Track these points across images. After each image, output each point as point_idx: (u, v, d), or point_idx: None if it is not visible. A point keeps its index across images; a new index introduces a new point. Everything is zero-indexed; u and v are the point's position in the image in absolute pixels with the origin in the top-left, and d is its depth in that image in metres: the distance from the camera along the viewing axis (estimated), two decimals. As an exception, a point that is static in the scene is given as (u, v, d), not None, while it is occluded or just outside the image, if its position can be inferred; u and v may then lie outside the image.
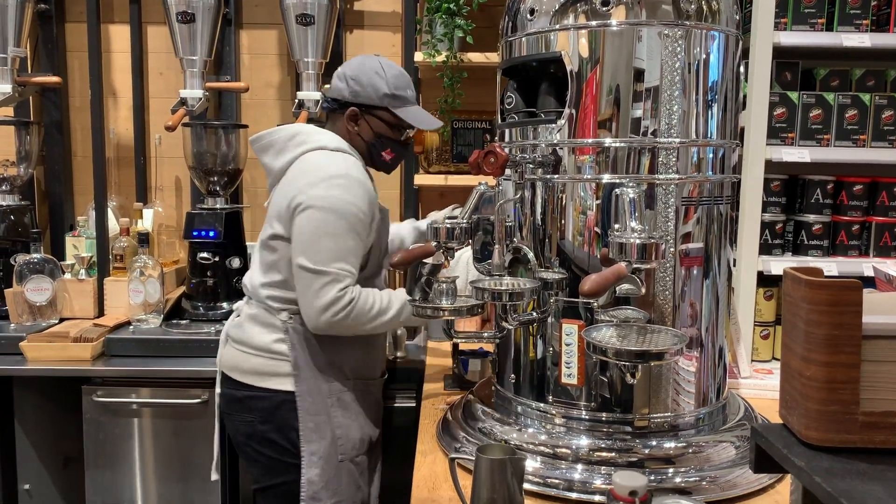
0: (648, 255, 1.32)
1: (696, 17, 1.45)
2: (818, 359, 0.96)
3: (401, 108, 1.89)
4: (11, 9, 2.64)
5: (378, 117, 1.90)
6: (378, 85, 1.86)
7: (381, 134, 1.91)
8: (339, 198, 1.76)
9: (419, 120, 1.90)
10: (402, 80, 1.90)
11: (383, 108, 1.88)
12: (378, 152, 1.93)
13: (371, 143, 1.92)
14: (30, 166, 2.85)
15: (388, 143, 1.93)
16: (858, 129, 2.27)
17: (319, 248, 1.75)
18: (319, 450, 1.85)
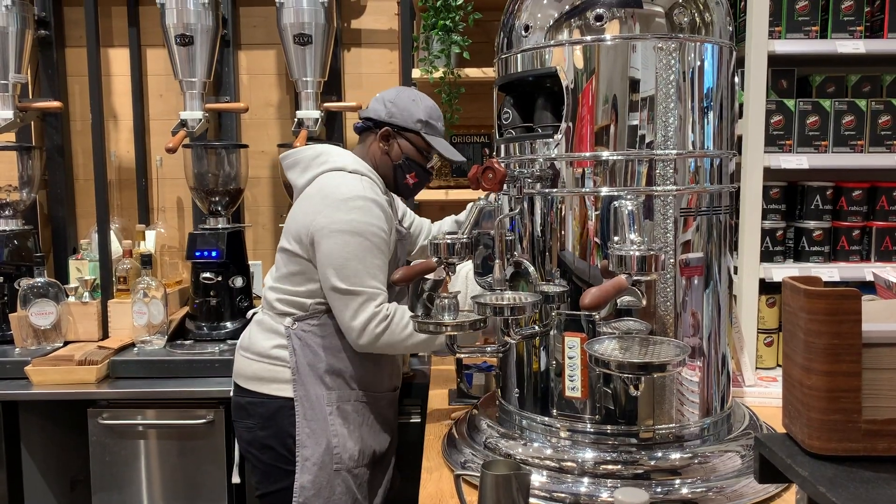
0: (648, 267, 1.32)
1: (690, 30, 1.46)
2: (819, 368, 0.96)
3: (431, 136, 1.97)
4: (12, 35, 2.67)
5: (409, 140, 1.97)
6: (413, 110, 1.96)
7: (409, 157, 1.98)
8: (360, 220, 1.82)
9: (446, 149, 2.00)
10: (435, 112, 2.01)
11: (415, 133, 1.96)
12: (403, 174, 2.00)
13: (398, 165, 1.99)
14: (32, 191, 2.86)
15: (414, 167, 2.00)
16: (856, 135, 2.28)
17: (350, 271, 1.81)
18: (313, 456, 1.86)
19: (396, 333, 1.82)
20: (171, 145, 2.58)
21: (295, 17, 2.64)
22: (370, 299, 1.81)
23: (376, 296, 1.82)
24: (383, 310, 1.82)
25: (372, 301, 1.81)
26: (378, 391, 2.00)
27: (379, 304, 1.82)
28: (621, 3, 1.44)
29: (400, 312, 1.84)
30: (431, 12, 2.60)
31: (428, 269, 1.75)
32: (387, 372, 2.04)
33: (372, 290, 1.82)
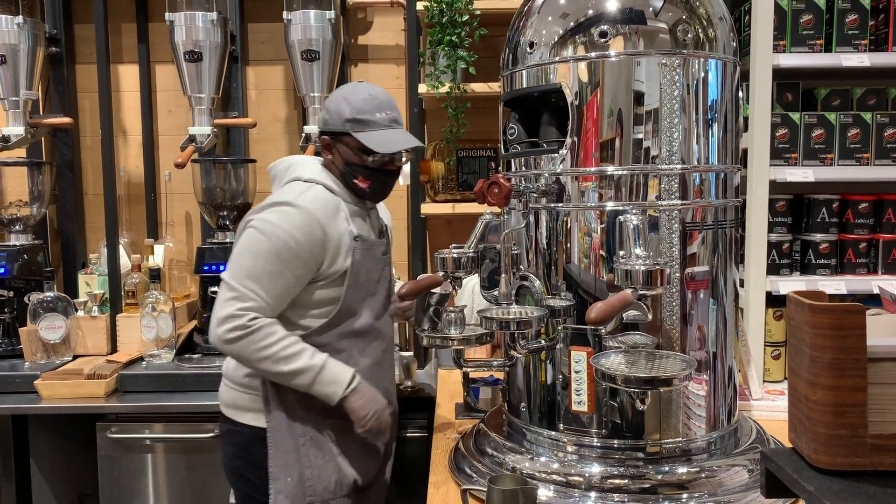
0: (654, 282, 1.33)
1: (693, 46, 1.47)
2: (824, 383, 0.96)
3: (363, 132, 1.78)
4: (23, 53, 2.70)
5: (345, 143, 1.81)
6: (342, 110, 1.79)
7: (348, 161, 1.81)
8: (273, 222, 1.71)
9: (380, 143, 1.78)
10: (369, 103, 1.80)
11: (346, 134, 1.79)
12: (351, 180, 1.84)
13: (344, 172, 1.84)
14: (42, 205, 2.89)
15: (359, 170, 1.82)
16: (861, 148, 2.28)
17: (238, 264, 1.72)
18: (286, 489, 1.78)
19: (249, 351, 1.69)
20: (180, 160, 2.61)
21: (302, 34, 2.67)
22: (238, 299, 1.68)
23: (246, 299, 1.68)
24: (246, 318, 1.68)
25: (239, 301, 1.68)
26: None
27: (245, 309, 1.68)
28: (625, 19, 1.46)
29: (264, 333, 1.68)
30: (438, 28, 2.62)
31: (434, 283, 1.76)
32: None
33: (244, 291, 1.68)
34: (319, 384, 1.72)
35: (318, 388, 1.72)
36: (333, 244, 1.75)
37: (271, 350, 1.69)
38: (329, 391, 1.73)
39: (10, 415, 2.42)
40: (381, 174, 1.84)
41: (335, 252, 1.76)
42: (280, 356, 1.69)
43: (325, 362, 1.73)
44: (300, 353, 1.71)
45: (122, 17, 3.04)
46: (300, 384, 1.72)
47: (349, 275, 1.78)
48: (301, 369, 1.71)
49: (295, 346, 1.72)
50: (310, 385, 1.72)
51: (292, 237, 1.70)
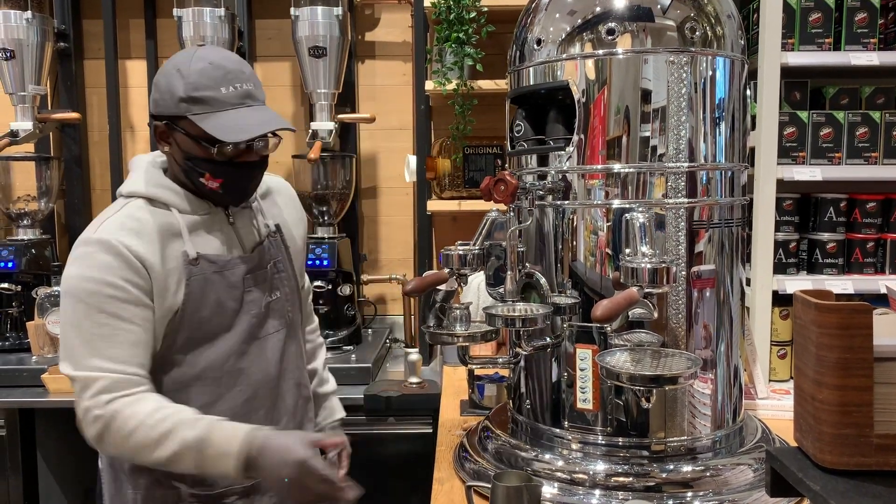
0: (660, 280, 1.33)
1: (701, 44, 1.47)
2: (830, 382, 0.96)
3: (204, 116, 1.36)
4: (32, 48, 2.72)
5: (182, 130, 1.39)
6: (175, 86, 1.36)
7: (189, 154, 1.40)
8: (75, 275, 1.34)
9: (227, 129, 1.36)
10: (210, 75, 1.36)
11: (183, 118, 1.37)
12: (196, 178, 1.41)
13: (185, 169, 1.42)
14: (50, 201, 2.90)
15: (204, 165, 1.40)
16: (870, 147, 2.27)
17: (66, 348, 1.35)
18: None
19: (119, 445, 1.32)
20: (187, 156, 2.60)
21: (310, 30, 2.67)
22: (84, 387, 1.32)
23: (91, 382, 1.31)
24: (101, 405, 1.30)
25: (86, 389, 1.31)
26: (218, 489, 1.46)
27: (94, 394, 1.31)
28: (633, 17, 1.45)
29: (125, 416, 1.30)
30: (445, 25, 2.62)
31: (440, 280, 1.76)
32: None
33: (85, 376, 1.32)
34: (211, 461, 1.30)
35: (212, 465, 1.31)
36: (159, 275, 1.37)
37: (138, 436, 1.29)
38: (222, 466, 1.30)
39: (17, 408, 2.43)
40: (238, 169, 1.42)
41: (162, 287, 1.37)
42: (151, 439, 1.30)
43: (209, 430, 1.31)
44: (174, 428, 1.30)
45: (130, 12, 3.04)
46: (189, 470, 1.34)
47: (181, 312, 1.39)
48: (179, 450, 1.29)
49: (167, 420, 1.30)
50: (199, 468, 1.32)
51: (106, 283, 1.32)
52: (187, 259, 1.40)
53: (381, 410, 2.34)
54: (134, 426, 1.30)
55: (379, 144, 3.12)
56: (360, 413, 2.35)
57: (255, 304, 1.49)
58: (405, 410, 2.34)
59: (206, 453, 1.30)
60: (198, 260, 1.41)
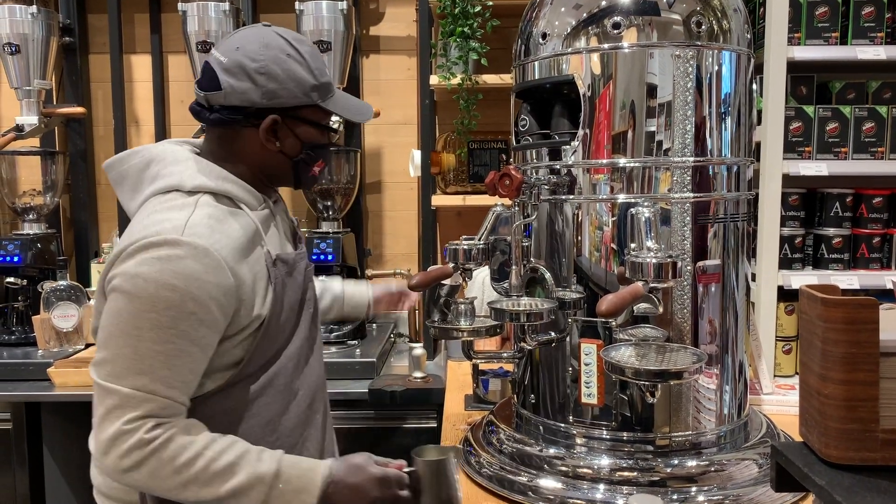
0: (665, 275, 1.32)
1: (707, 38, 1.46)
2: (836, 377, 0.96)
3: (332, 101, 1.34)
4: (37, 43, 2.72)
5: (306, 120, 1.33)
6: (301, 75, 1.28)
7: (313, 144, 1.35)
8: (149, 279, 1.16)
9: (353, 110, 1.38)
10: (320, 58, 1.34)
11: (312, 106, 1.32)
12: (308, 167, 1.37)
13: (298, 160, 1.35)
14: (55, 195, 2.91)
15: (320, 153, 1.38)
16: (876, 142, 2.26)
17: (109, 354, 1.18)
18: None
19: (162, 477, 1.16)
20: (192, 151, 2.60)
21: (314, 24, 2.67)
22: (122, 407, 1.15)
23: (136, 404, 1.15)
24: (143, 431, 1.15)
25: (128, 411, 1.15)
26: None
27: (137, 419, 1.15)
28: (639, 11, 1.45)
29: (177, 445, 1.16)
30: (450, 19, 2.61)
31: (444, 274, 1.76)
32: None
33: (130, 394, 1.15)
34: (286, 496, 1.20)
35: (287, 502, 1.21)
36: (248, 288, 1.24)
37: (195, 468, 1.16)
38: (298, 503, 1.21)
39: (23, 402, 2.44)
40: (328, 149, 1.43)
41: (250, 298, 1.25)
42: (211, 472, 1.17)
43: (280, 464, 1.21)
44: (240, 461, 1.19)
45: (136, 7, 3.04)
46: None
47: (266, 322, 1.28)
48: (246, 484, 1.18)
49: (229, 452, 1.20)
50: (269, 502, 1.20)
51: (192, 297, 1.16)
52: (269, 260, 1.28)
53: (386, 405, 2.34)
54: (191, 456, 1.16)
55: (383, 139, 3.12)
56: (364, 407, 2.36)
57: (311, 303, 1.42)
58: (409, 405, 2.35)
59: (282, 489, 1.19)
60: (277, 260, 1.31)
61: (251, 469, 1.19)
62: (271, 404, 1.31)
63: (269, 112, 1.29)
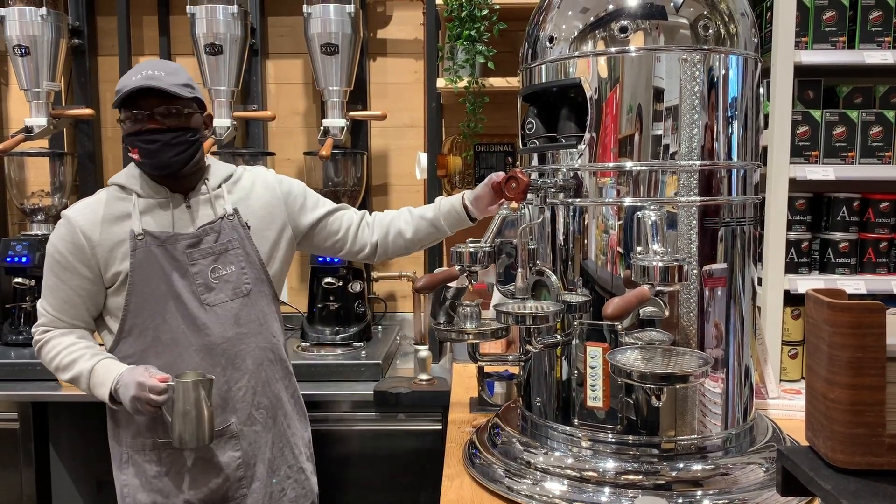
0: (671, 278, 1.32)
1: (714, 42, 1.46)
2: (842, 381, 0.96)
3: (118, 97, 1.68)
4: (46, 44, 2.73)
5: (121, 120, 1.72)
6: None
7: (125, 136, 1.72)
8: (49, 239, 1.77)
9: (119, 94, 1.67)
10: (130, 74, 1.70)
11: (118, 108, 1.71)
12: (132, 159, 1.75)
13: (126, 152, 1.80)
14: (64, 196, 2.92)
15: (127, 141, 1.72)
16: (884, 146, 2.26)
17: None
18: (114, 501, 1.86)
19: (45, 363, 1.78)
20: (200, 152, 2.62)
21: (322, 27, 2.68)
22: (39, 316, 1.78)
23: (39, 316, 1.78)
24: (37, 334, 1.78)
25: (38, 320, 1.78)
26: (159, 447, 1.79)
27: (37, 325, 1.78)
28: (646, 14, 1.45)
29: (50, 346, 1.76)
30: (457, 22, 2.62)
31: (450, 277, 1.76)
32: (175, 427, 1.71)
33: (38, 309, 1.78)
34: (94, 391, 1.71)
35: (96, 394, 1.71)
36: (104, 248, 1.72)
37: (55, 361, 1.74)
38: (101, 394, 1.70)
39: (30, 402, 2.45)
40: (143, 136, 1.68)
41: (107, 256, 1.72)
42: (61, 365, 1.73)
43: (95, 366, 1.71)
44: (75, 361, 1.72)
45: (144, 9, 3.06)
46: (84, 390, 1.73)
47: (131, 278, 1.72)
48: (75, 377, 1.72)
49: (74, 353, 1.73)
50: (88, 390, 1.72)
51: (55, 248, 1.73)
52: (134, 234, 1.71)
53: (391, 407, 2.34)
54: (55, 353, 1.74)
55: (390, 142, 3.12)
56: (369, 409, 2.36)
57: (200, 276, 1.76)
58: (415, 407, 2.35)
59: (91, 381, 1.70)
60: (143, 235, 1.72)
61: (80, 366, 1.71)
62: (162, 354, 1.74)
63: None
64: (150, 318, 1.74)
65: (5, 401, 2.44)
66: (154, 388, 1.62)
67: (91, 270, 1.73)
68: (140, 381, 1.62)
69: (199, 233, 1.76)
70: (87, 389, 1.72)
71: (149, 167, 1.73)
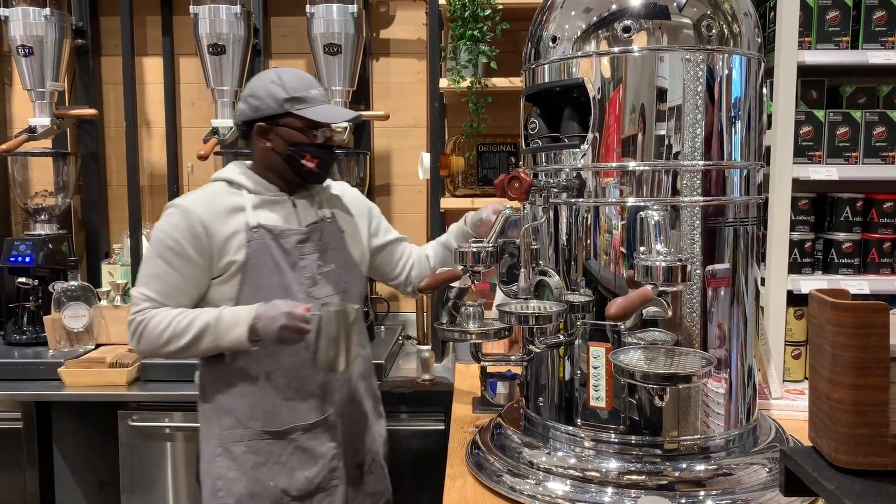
0: (674, 278, 1.32)
1: (718, 42, 1.46)
2: (845, 381, 0.96)
3: (305, 109, 1.79)
4: (50, 44, 2.74)
5: (285, 125, 1.79)
6: (275, 91, 1.78)
7: (294, 142, 1.80)
8: (157, 227, 1.78)
9: (327, 115, 1.81)
10: (301, 81, 1.81)
11: (287, 114, 1.79)
12: (298, 162, 1.81)
13: (287, 155, 1.81)
14: (67, 196, 2.93)
15: (305, 149, 1.80)
16: (887, 147, 2.26)
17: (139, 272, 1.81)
18: (204, 495, 1.84)
19: (152, 341, 1.74)
20: (203, 153, 2.63)
21: (325, 27, 2.68)
22: (134, 304, 1.77)
23: (138, 303, 1.75)
24: (137, 317, 1.74)
25: (134, 307, 1.76)
26: (285, 426, 1.81)
27: (136, 312, 1.75)
28: (649, 14, 1.45)
29: (155, 321, 1.73)
30: (460, 22, 2.62)
31: (453, 277, 1.77)
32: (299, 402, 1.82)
33: (136, 296, 1.76)
34: (224, 337, 1.70)
35: (226, 341, 1.71)
36: (219, 238, 1.75)
37: (168, 330, 1.71)
38: (235, 336, 1.70)
39: (34, 401, 2.46)
40: (326, 150, 1.85)
41: (222, 246, 1.75)
42: (177, 330, 1.71)
43: (220, 313, 1.72)
44: (193, 320, 1.71)
45: (148, 9, 3.07)
46: (210, 348, 1.73)
47: (244, 268, 1.76)
48: (199, 333, 1.71)
49: (186, 317, 1.72)
50: (217, 343, 1.71)
51: (168, 235, 1.74)
52: (248, 226, 1.77)
53: (394, 407, 2.34)
54: (164, 324, 1.71)
55: (393, 142, 3.13)
56: (372, 409, 2.36)
57: (308, 269, 1.84)
58: (417, 407, 2.35)
59: (219, 328, 1.70)
60: (257, 227, 1.78)
61: (201, 322, 1.71)
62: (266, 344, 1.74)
63: (258, 121, 1.81)
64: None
65: (9, 400, 2.45)
66: (303, 316, 1.68)
67: (203, 259, 1.75)
68: (288, 311, 1.67)
69: (307, 230, 1.85)
70: (212, 341, 1.71)
71: (317, 177, 1.87)
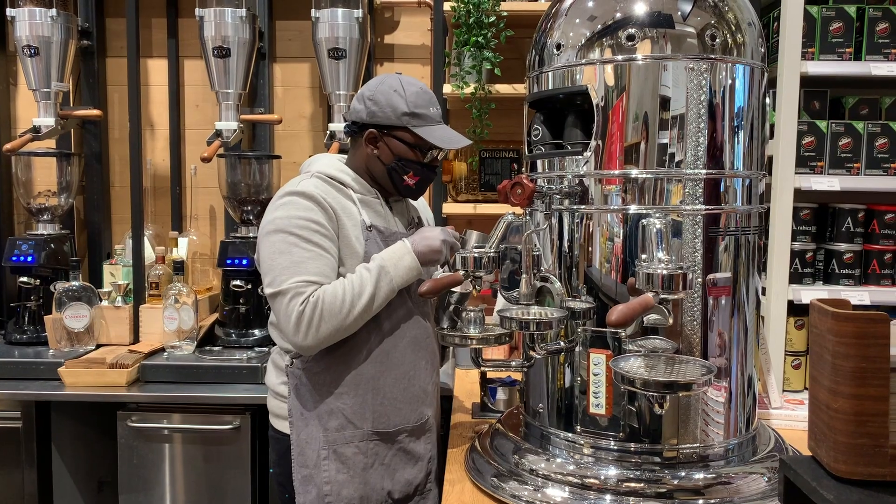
0: (675, 286, 1.33)
1: (721, 51, 1.47)
2: (846, 391, 0.96)
3: (422, 128, 1.75)
4: (55, 45, 2.75)
5: (398, 138, 1.76)
6: (396, 104, 1.73)
7: (401, 156, 1.77)
8: (282, 216, 1.69)
9: (443, 139, 1.76)
10: (423, 97, 1.77)
11: (402, 128, 1.75)
12: (399, 176, 1.79)
13: (391, 167, 1.78)
14: (70, 196, 2.93)
15: (410, 166, 1.78)
16: (889, 158, 2.26)
17: (275, 271, 1.66)
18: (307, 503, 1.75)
19: (335, 314, 1.63)
20: (206, 155, 2.63)
21: (330, 32, 2.69)
22: (296, 296, 1.62)
23: (303, 290, 1.63)
24: (309, 301, 1.62)
25: (298, 297, 1.62)
26: (393, 427, 1.78)
27: (304, 300, 1.62)
28: (653, 23, 1.46)
29: (329, 296, 1.63)
30: (464, 29, 2.63)
31: (455, 282, 1.77)
32: (404, 403, 1.80)
33: (296, 286, 1.63)
34: (398, 273, 1.69)
35: (399, 277, 1.70)
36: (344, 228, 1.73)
37: (347, 295, 1.64)
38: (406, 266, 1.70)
39: (33, 401, 2.46)
40: (430, 170, 1.82)
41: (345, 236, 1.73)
42: (356, 291, 1.65)
43: (379, 258, 1.70)
44: (362, 275, 1.68)
45: (153, 11, 3.08)
46: (386, 296, 1.69)
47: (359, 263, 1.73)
48: (377, 281, 1.67)
49: (354, 277, 1.68)
50: (392, 286, 1.69)
51: (307, 219, 1.68)
52: (364, 225, 1.76)
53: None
54: (341, 293, 1.64)
55: (396, 146, 3.13)
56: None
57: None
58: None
59: (391, 267, 1.69)
60: (371, 227, 1.77)
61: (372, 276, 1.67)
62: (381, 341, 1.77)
63: (371, 127, 1.77)
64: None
65: (8, 400, 2.45)
66: (456, 234, 1.79)
67: (335, 243, 1.72)
68: (440, 231, 1.76)
69: (408, 232, 1.86)
70: (388, 284, 1.68)
71: (413, 194, 1.87)
